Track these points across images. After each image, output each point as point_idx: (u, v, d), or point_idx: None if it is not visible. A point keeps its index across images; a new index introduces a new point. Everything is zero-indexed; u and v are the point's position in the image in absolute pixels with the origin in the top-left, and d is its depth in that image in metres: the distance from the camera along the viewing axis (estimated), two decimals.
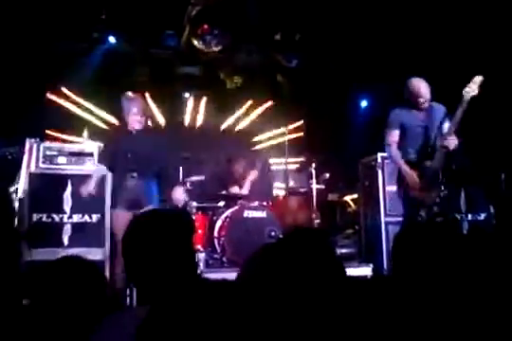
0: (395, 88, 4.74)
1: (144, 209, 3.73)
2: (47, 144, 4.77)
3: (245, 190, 5.99)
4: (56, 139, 6.01)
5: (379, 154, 5.61)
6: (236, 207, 5.46)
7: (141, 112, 4.36)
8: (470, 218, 5.53)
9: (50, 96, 6.94)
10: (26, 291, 1.62)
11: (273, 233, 5.16)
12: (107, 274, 4.10)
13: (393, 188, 5.12)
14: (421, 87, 4.24)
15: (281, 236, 4.98)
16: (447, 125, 4.14)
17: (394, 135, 4.30)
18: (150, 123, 4.66)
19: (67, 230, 4.39)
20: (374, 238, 5.61)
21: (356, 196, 6.74)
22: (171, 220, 1.65)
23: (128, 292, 3.77)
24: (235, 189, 6.04)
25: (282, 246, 2.07)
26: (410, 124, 4.27)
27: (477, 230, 5.35)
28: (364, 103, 8.19)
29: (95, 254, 4.20)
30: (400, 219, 4.71)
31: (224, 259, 5.19)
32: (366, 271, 5.12)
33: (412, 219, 4.11)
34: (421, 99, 4.22)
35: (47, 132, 6.45)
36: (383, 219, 5.52)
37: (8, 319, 1.86)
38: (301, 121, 7.90)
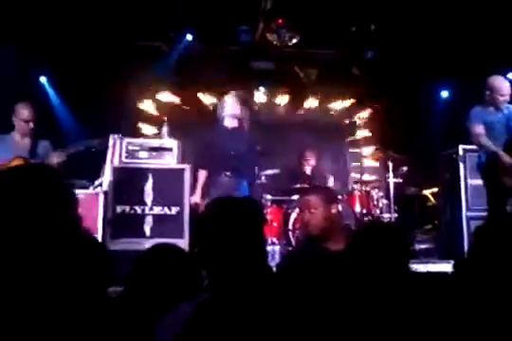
0: (477, 79, 4.64)
1: None
2: (129, 140, 4.96)
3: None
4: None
5: (461, 147, 5.42)
6: None
7: (235, 113, 4.66)
8: None
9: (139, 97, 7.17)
10: (114, 279, 1.67)
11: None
12: None
13: (476, 181, 4.95)
14: (501, 85, 4.31)
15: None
16: None
17: (480, 128, 4.34)
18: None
19: (149, 221, 4.55)
20: (454, 234, 5.42)
21: (435, 190, 6.54)
22: (241, 207, 1.68)
23: None
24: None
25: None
26: (491, 120, 4.35)
27: None
28: (444, 94, 7.87)
29: (177, 244, 4.30)
30: (483, 213, 4.57)
31: None
32: (446, 267, 4.95)
33: (499, 209, 4.03)
34: (501, 98, 4.28)
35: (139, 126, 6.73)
36: (465, 214, 5.33)
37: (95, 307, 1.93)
38: (378, 113, 7.74)
